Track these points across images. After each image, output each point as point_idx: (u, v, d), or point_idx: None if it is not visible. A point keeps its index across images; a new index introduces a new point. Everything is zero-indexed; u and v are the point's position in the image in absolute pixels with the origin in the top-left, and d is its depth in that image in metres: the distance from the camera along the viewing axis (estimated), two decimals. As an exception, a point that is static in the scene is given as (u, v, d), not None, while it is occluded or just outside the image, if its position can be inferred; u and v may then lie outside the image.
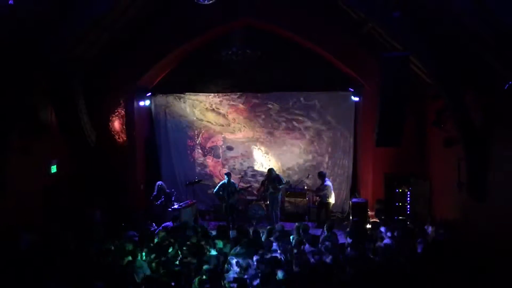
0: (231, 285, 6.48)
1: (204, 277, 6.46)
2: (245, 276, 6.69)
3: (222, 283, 6.56)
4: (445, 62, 7.59)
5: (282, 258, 7.47)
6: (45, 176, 10.31)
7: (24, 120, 9.05)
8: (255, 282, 6.57)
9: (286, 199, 12.47)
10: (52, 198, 10.35)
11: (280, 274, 6.46)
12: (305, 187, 12.53)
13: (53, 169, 10.55)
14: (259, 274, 6.65)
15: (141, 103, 12.38)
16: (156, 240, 8.58)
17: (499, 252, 7.00)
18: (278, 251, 7.84)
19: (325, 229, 8.81)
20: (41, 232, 8.80)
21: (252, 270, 6.83)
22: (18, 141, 8.92)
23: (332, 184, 11.97)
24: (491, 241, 7.35)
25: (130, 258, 7.36)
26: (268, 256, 7.27)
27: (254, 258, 7.15)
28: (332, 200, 11.68)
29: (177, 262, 7.43)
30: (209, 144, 13.49)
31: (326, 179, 11.68)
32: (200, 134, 13.46)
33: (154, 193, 11.48)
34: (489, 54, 6.53)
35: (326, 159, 12.91)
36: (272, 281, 6.23)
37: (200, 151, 13.55)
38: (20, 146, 9.04)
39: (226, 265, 7.24)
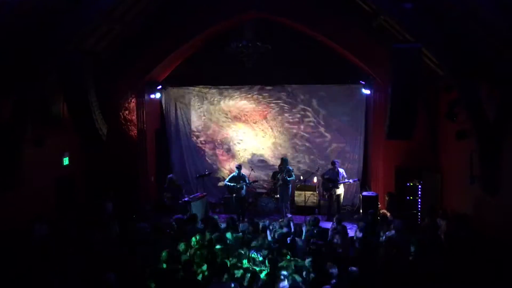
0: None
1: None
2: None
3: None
4: (458, 54, 7.48)
5: None
6: (58, 168, 10.43)
7: (37, 113, 9.16)
8: None
9: (296, 192, 12.45)
10: (64, 190, 10.49)
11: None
12: (315, 180, 12.51)
13: (65, 161, 10.68)
14: None
15: (152, 96, 12.43)
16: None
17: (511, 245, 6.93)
18: None
19: (334, 222, 8.80)
20: (53, 224, 8.92)
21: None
22: (31, 133, 9.04)
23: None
24: (504, 235, 7.26)
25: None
26: None
27: None
28: (341, 190, 11.64)
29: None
30: (219, 137, 13.51)
31: (339, 169, 11.64)
32: (211, 127, 13.48)
33: (165, 185, 11.54)
34: (504, 45, 6.41)
35: (337, 152, 12.85)
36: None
37: (210, 143, 13.59)
38: (33, 139, 9.17)
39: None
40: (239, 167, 11.83)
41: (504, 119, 7.35)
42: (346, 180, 11.58)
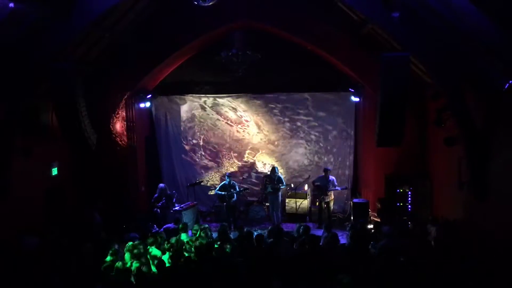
0: None
1: None
2: None
3: None
4: (445, 62, 7.59)
5: None
6: (46, 178, 10.32)
7: (25, 122, 9.08)
8: None
9: (287, 200, 12.46)
10: (53, 201, 10.36)
11: None
12: (306, 187, 12.54)
13: (54, 171, 10.57)
14: None
15: (142, 105, 12.39)
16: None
17: (500, 251, 7.00)
18: None
19: (323, 229, 8.81)
20: (42, 235, 8.80)
21: None
22: (20, 143, 8.94)
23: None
24: (493, 240, 7.34)
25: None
26: None
27: None
28: (331, 197, 11.70)
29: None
30: (209, 145, 13.50)
31: (331, 176, 11.69)
32: (201, 136, 13.47)
33: (156, 195, 11.47)
34: (490, 53, 6.53)
35: (327, 160, 12.91)
36: None
37: (201, 152, 13.56)
38: (22, 148, 9.07)
39: None
40: (229, 176, 11.83)
41: (491, 125, 7.47)
42: (336, 188, 11.62)
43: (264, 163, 13.27)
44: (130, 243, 7.65)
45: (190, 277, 6.42)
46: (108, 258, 7.31)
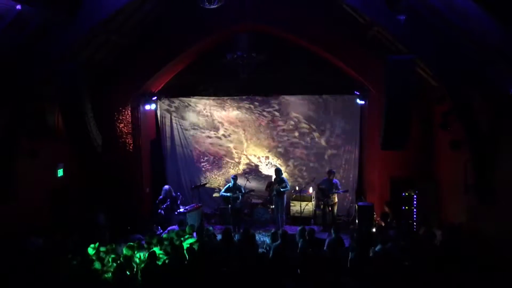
0: None
1: None
2: None
3: None
4: (450, 65, 7.57)
5: None
6: (52, 179, 10.37)
7: (31, 124, 9.13)
8: None
9: (291, 202, 12.43)
10: (58, 202, 10.41)
11: None
12: (311, 190, 12.51)
13: (60, 172, 10.62)
14: None
15: (147, 107, 12.42)
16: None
17: (507, 254, 6.94)
18: None
19: (331, 232, 8.77)
20: (48, 236, 8.83)
21: None
22: (25, 144, 8.99)
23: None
24: (499, 243, 7.28)
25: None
26: None
27: None
28: (335, 200, 11.67)
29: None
30: (214, 148, 13.51)
31: (335, 180, 11.67)
32: (206, 138, 13.48)
33: (160, 196, 11.49)
34: (496, 57, 6.49)
35: (332, 163, 12.87)
36: None
37: (205, 154, 13.58)
38: (28, 150, 9.12)
39: None
40: (234, 178, 11.82)
41: (497, 128, 7.42)
42: (338, 191, 11.57)
43: (267, 166, 13.23)
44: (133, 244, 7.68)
45: (190, 278, 6.44)
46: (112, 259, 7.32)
